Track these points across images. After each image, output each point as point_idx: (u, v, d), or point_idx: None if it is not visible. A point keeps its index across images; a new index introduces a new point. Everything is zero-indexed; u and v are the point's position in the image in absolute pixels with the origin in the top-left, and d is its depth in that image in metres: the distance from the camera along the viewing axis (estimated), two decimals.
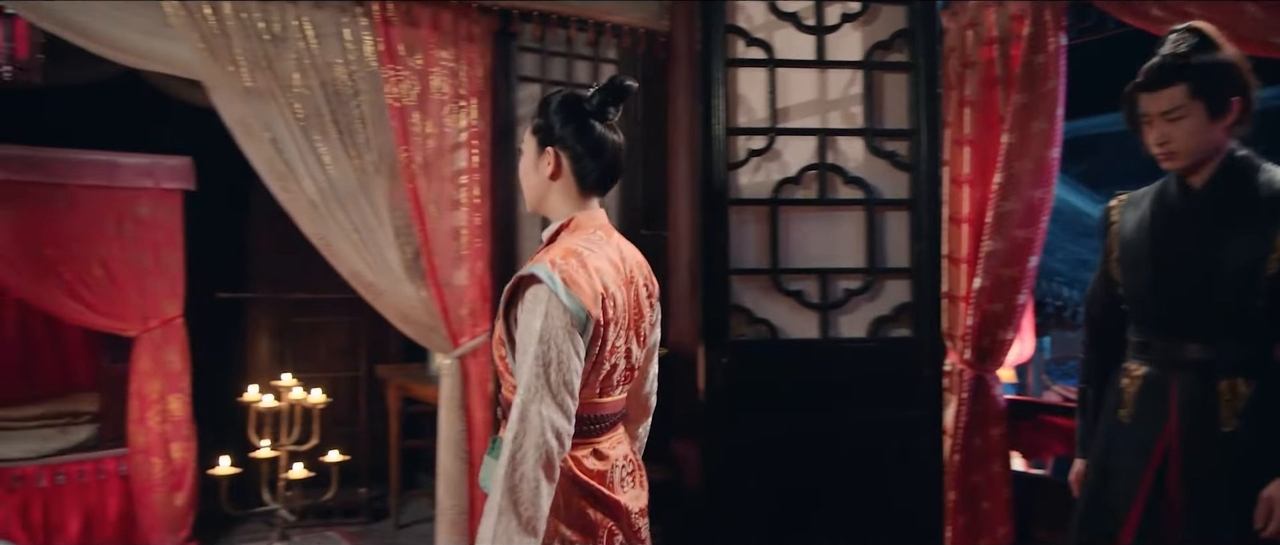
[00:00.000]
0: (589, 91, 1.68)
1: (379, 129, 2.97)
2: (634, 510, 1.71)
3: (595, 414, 1.64)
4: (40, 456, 4.13)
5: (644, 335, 1.74)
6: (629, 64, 3.35)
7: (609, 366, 1.63)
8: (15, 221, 4.00)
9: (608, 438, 1.69)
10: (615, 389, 1.68)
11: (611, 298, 1.59)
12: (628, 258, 1.69)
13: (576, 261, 1.56)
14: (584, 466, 1.62)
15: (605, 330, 1.59)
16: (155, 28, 2.71)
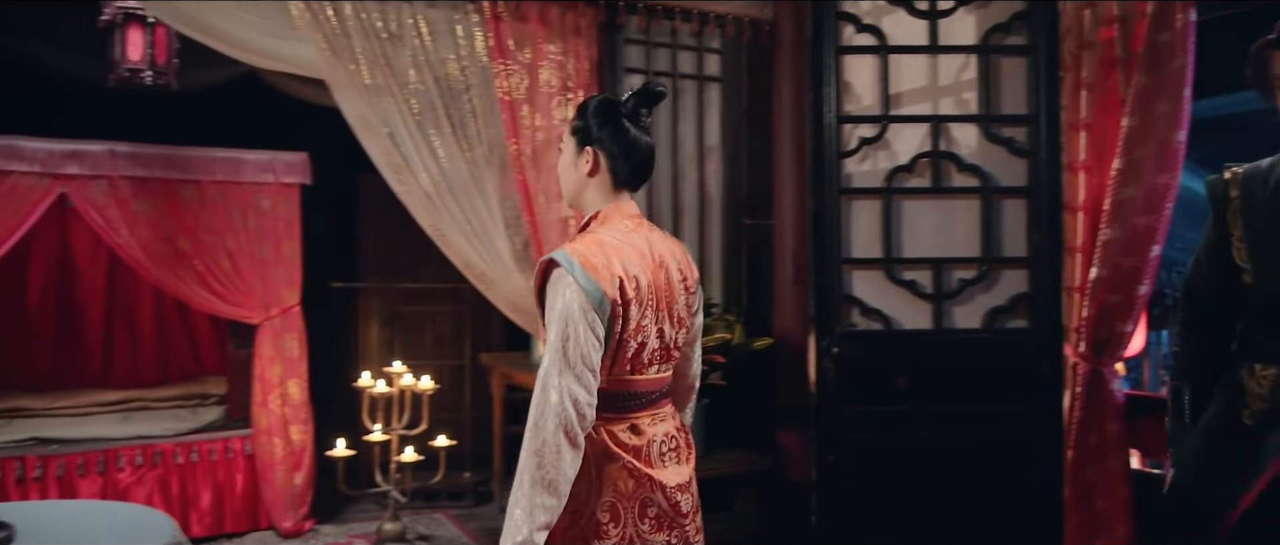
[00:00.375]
0: (624, 96, 1.81)
1: (489, 122, 3.04)
2: (671, 484, 1.77)
3: (629, 390, 1.74)
4: (176, 435, 4.40)
5: (678, 317, 1.82)
6: (733, 53, 3.33)
7: (637, 345, 1.72)
8: (153, 216, 4.27)
9: (646, 414, 1.77)
10: (649, 367, 1.76)
11: (633, 280, 1.69)
12: (656, 246, 1.79)
13: (596, 247, 1.68)
14: (619, 440, 1.71)
15: (626, 310, 1.68)
16: (282, 30, 2.85)
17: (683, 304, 1.84)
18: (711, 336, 2.90)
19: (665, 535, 1.75)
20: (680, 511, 1.78)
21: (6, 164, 4.01)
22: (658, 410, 1.80)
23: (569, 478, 1.60)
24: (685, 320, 1.85)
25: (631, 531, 1.71)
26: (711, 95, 3.34)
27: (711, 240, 3.35)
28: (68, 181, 4.13)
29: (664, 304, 1.77)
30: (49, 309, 4.93)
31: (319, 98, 5.00)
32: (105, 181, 4.20)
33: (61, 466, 4.13)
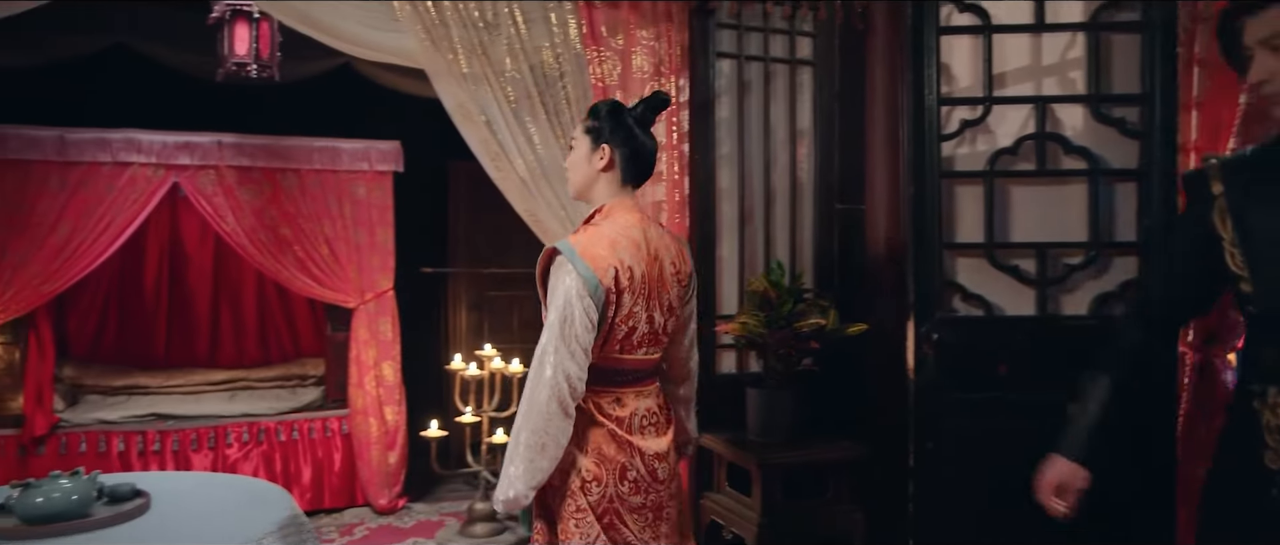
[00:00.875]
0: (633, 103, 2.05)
1: (583, 109, 3.07)
2: (649, 452, 1.97)
3: (617, 368, 1.94)
4: (278, 413, 4.60)
5: (669, 306, 2.01)
6: (826, 36, 3.28)
7: (627, 329, 1.91)
8: (257, 204, 4.45)
9: (631, 390, 1.97)
10: (638, 349, 1.96)
11: (627, 270, 1.88)
12: (652, 239, 1.98)
13: (597, 239, 1.89)
14: (604, 410, 1.92)
15: (619, 297, 1.88)
16: (384, 23, 2.93)
17: (675, 294, 2.02)
18: (806, 321, 2.88)
19: (641, 497, 1.95)
20: (656, 477, 1.98)
21: (127, 156, 4.25)
22: (642, 387, 2.00)
23: (561, 443, 1.83)
24: (676, 309, 2.04)
25: (612, 491, 1.91)
26: (803, 79, 3.30)
27: (803, 225, 3.31)
28: (180, 171, 4.35)
29: (655, 293, 1.96)
30: (163, 293, 5.20)
31: (409, 87, 5.13)
32: (213, 171, 4.40)
33: (177, 441, 4.37)
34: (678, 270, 2.03)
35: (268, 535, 2.03)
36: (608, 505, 1.90)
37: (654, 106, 2.02)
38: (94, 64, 4.70)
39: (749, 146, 3.22)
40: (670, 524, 2.03)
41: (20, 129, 4.11)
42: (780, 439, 2.97)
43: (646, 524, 1.96)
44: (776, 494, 2.87)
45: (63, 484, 2.08)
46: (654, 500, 1.97)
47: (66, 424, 4.26)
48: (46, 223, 4.10)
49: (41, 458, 4.15)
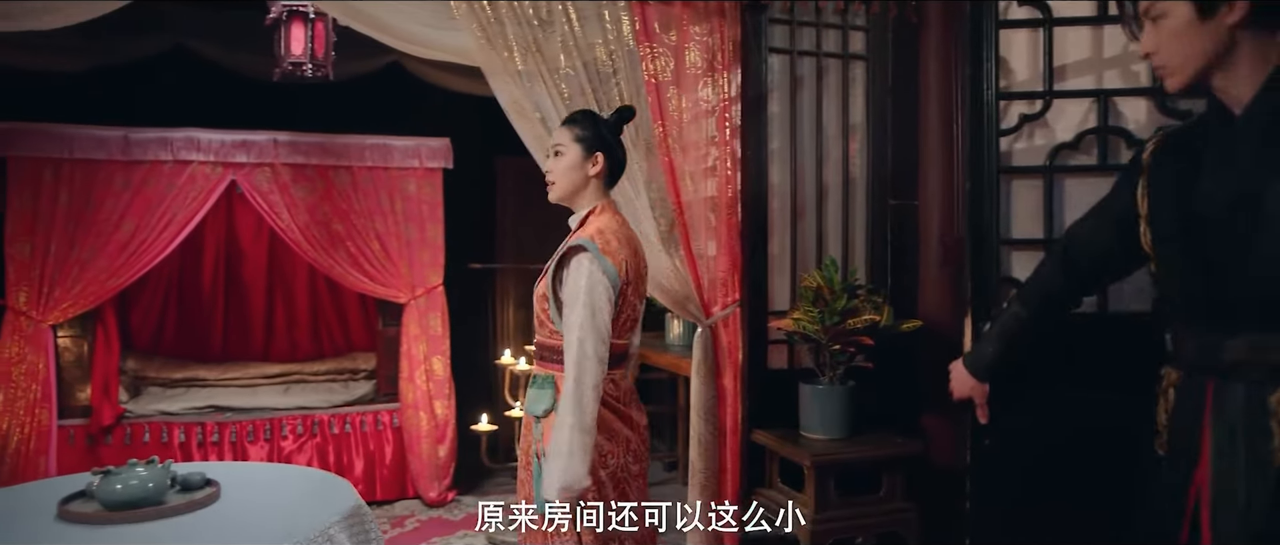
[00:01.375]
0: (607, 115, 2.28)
1: (637, 105, 3.08)
2: (640, 424, 2.20)
3: (617, 352, 2.12)
4: (332, 407, 4.69)
5: (644, 293, 2.22)
6: (879, 31, 3.26)
7: (625, 316, 2.13)
8: (311, 201, 4.54)
9: (620, 370, 2.18)
10: (629, 333, 2.18)
11: (630, 264, 2.11)
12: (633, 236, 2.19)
13: (611, 237, 2.09)
14: (608, 390, 2.09)
15: (626, 289, 2.10)
16: (441, 21, 2.97)
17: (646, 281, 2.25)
18: (859, 318, 2.87)
19: (639, 466, 2.19)
20: (646, 445, 2.23)
21: (187, 154, 4.36)
22: (626, 366, 2.22)
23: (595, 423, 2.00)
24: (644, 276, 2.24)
25: (621, 461, 2.12)
26: (856, 73, 3.28)
27: (855, 221, 3.30)
28: (237, 169, 4.45)
29: (640, 283, 2.20)
30: (219, 288, 5.33)
31: (457, 84, 5.19)
32: (269, 168, 4.50)
33: (234, 432, 4.48)
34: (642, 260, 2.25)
35: (335, 524, 2.08)
36: (620, 475, 2.11)
37: (624, 117, 2.28)
38: (153, 65, 4.84)
39: (801, 142, 3.21)
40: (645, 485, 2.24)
41: (87, 129, 4.23)
42: (833, 435, 2.97)
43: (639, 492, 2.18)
44: (830, 490, 2.86)
45: (140, 472, 2.15)
46: (643, 467, 2.21)
47: (131, 415, 4.39)
48: (112, 220, 4.22)
49: (108, 447, 4.29)
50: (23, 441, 4.05)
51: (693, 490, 3.21)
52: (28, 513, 2.14)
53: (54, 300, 4.15)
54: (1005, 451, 2.68)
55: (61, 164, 4.18)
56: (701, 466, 3.18)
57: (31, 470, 4.06)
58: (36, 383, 4.10)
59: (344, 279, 4.65)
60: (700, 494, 3.18)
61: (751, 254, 3.11)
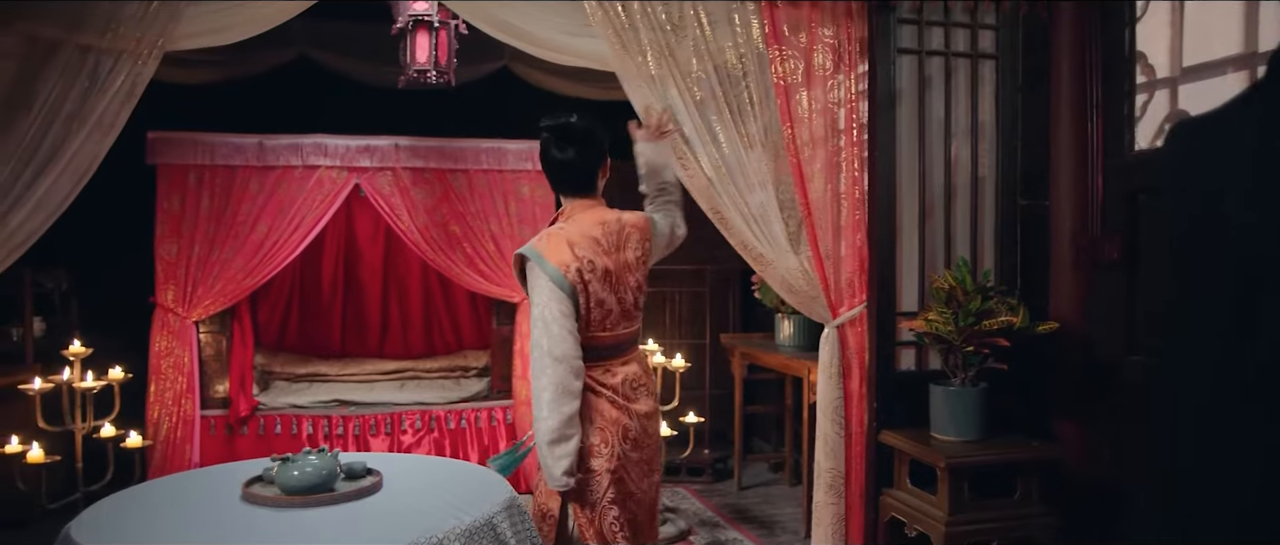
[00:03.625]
0: None
1: (765, 107, 3.11)
2: (641, 413, 2.29)
3: (599, 345, 2.25)
4: (448, 402, 4.84)
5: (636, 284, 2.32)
6: (1009, 29, 3.21)
7: (601, 312, 2.23)
8: (429, 204, 4.71)
9: (616, 361, 2.29)
10: (615, 327, 2.28)
11: (588, 263, 2.19)
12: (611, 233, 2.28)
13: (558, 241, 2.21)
14: (599, 381, 2.24)
15: (587, 287, 2.19)
16: (577, 28, 3.06)
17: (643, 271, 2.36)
18: (995, 320, 2.83)
19: (639, 454, 2.27)
20: (647, 433, 2.30)
21: (316, 159, 4.57)
22: (626, 357, 2.32)
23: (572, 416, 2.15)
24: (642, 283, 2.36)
25: (617, 449, 2.23)
26: (985, 72, 3.24)
27: (984, 221, 3.25)
28: (361, 173, 4.64)
29: (619, 278, 2.28)
30: (338, 287, 5.55)
31: (563, 88, 5.31)
32: (390, 172, 4.68)
33: (358, 425, 4.67)
34: (642, 245, 2.35)
35: (498, 513, 2.17)
36: (618, 463, 2.23)
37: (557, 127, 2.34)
38: (276, 76, 5.09)
39: (929, 142, 3.19)
40: (658, 473, 2.37)
41: (226, 136, 4.48)
42: (966, 437, 2.94)
43: (643, 474, 2.30)
44: (964, 493, 2.84)
45: (313, 460, 2.28)
46: (647, 455, 2.30)
47: (264, 407, 4.63)
48: (248, 222, 4.46)
49: (244, 437, 4.52)
50: (171, 429, 4.31)
51: (819, 489, 3.22)
52: (214, 494, 2.29)
53: (197, 298, 4.40)
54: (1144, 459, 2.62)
55: (204, 170, 4.44)
56: (828, 466, 3.18)
57: (179, 456, 4.32)
58: (182, 375, 4.36)
59: (460, 278, 4.80)
60: (827, 493, 3.19)
61: (880, 254, 3.10)
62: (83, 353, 3.69)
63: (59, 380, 3.65)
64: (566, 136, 2.31)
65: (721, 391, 5.35)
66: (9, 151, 2.46)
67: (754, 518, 4.55)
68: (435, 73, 4.24)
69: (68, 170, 2.56)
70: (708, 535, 4.25)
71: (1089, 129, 3.08)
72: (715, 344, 5.34)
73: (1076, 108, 3.13)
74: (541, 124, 2.34)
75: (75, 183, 2.59)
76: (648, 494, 2.32)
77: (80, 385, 3.67)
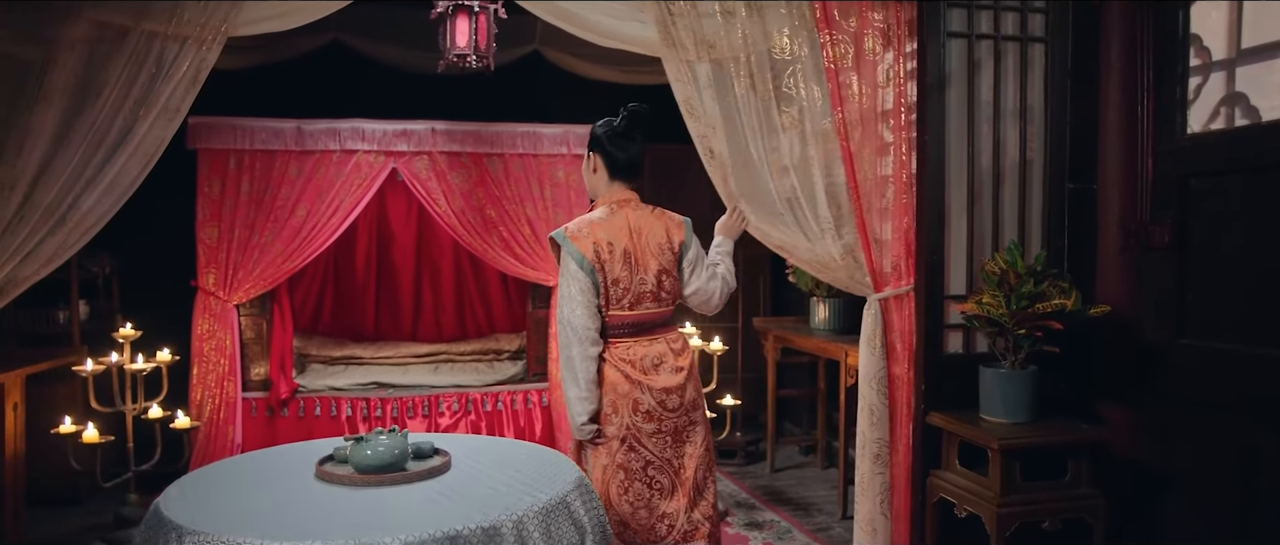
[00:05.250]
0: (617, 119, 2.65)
1: (815, 93, 3.13)
2: (658, 387, 2.54)
3: (621, 322, 2.56)
4: (484, 385, 4.89)
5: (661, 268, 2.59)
6: (1058, 12, 3.21)
7: (621, 290, 2.53)
8: (465, 187, 4.73)
9: (642, 338, 2.56)
10: (639, 305, 2.56)
11: (607, 245, 2.51)
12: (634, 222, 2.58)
13: (583, 225, 2.56)
14: (616, 355, 2.54)
15: (605, 266, 2.51)
16: (625, 13, 3.07)
17: (667, 260, 2.60)
18: (1048, 303, 2.85)
19: (654, 424, 2.54)
20: (666, 408, 2.55)
21: (353, 143, 4.59)
22: (653, 336, 2.58)
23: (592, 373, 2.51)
24: (670, 271, 2.61)
25: (627, 420, 2.53)
26: (1034, 55, 3.24)
27: (1032, 205, 3.26)
28: (398, 157, 4.66)
29: (640, 261, 2.55)
30: (371, 271, 5.59)
31: (595, 73, 5.32)
32: (427, 157, 4.70)
33: (396, 408, 4.72)
34: (669, 241, 2.62)
35: (571, 492, 2.21)
36: (626, 432, 2.52)
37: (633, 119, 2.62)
38: (310, 60, 5.11)
39: (977, 126, 3.20)
40: (695, 445, 2.59)
41: (265, 121, 4.50)
42: (1016, 419, 2.96)
43: (666, 445, 2.55)
44: (1016, 474, 2.87)
45: (385, 440, 2.32)
46: (669, 425, 2.55)
47: (304, 390, 4.68)
48: (287, 206, 4.49)
49: (285, 419, 4.58)
50: (215, 411, 4.36)
51: (864, 460, 3.25)
52: (288, 474, 2.33)
53: (237, 281, 4.44)
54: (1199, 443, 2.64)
55: (243, 154, 4.47)
56: (874, 436, 3.22)
57: (222, 438, 4.38)
58: (224, 358, 4.41)
59: (496, 262, 4.83)
60: (873, 463, 3.23)
61: (928, 237, 3.12)
62: (132, 335, 3.74)
63: (109, 362, 3.70)
64: (639, 125, 2.63)
65: (751, 375, 5.39)
66: (81, 136, 2.50)
67: (789, 499, 4.60)
68: (475, 57, 4.25)
69: (136, 154, 2.59)
70: (745, 517, 4.30)
71: (1140, 112, 3.09)
72: (747, 327, 5.37)
73: (1126, 91, 3.14)
74: (630, 110, 2.60)
75: (143, 166, 2.63)
76: (672, 462, 2.56)
77: (130, 367, 3.73)
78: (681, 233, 2.67)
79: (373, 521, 1.98)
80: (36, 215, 2.48)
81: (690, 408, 2.58)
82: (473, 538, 1.93)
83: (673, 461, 2.55)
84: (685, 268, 2.66)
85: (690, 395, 2.59)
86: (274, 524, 1.95)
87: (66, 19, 2.44)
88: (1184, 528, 2.90)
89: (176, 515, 1.98)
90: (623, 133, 2.62)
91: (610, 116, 2.67)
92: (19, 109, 2.42)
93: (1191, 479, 2.87)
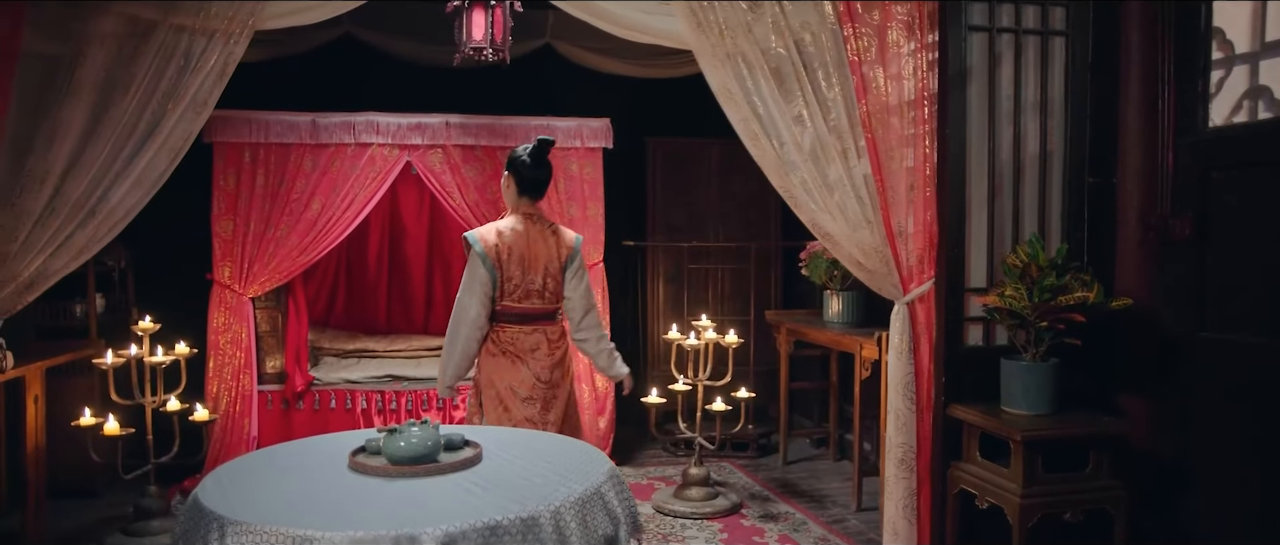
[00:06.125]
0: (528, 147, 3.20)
1: (842, 85, 3.14)
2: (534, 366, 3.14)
3: (512, 312, 3.14)
4: None
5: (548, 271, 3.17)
6: (1079, 6, 3.22)
7: (514, 286, 3.11)
8: (480, 180, 4.73)
9: (526, 326, 3.15)
10: (527, 300, 3.14)
11: (506, 247, 3.08)
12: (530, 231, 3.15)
13: (490, 229, 3.13)
14: (504, 337, 3.14)
15: (502, 266, 3.08)
16: (655, 7, 3.07)
17: (556, 267, 3.17)
18: (1072, 295, 2.87)
19: (526, 392, 3.13)
20: (539, 381, 3.14)
21: (368, 137, 4.60)
22: (535, 325, 3.17)
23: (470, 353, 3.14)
24: (555, 275, 3.17)
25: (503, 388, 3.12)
26: (1055, 49, 3.25)
27: (1052, 198, 3.28)
28: (412, 150, 4.67)
29: (531, 264, 3.12)
30: (384, 264, 5.60)
31: (607, 66, 5.32)
32: (441, 150, 4.70)
33: (410, 400, 4.73)
34: (558, 253, 3.18)
35: (605, 483, 2.22)
36: (502, 393, 3.13)
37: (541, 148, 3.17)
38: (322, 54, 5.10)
39: (998, 120, 3.21)
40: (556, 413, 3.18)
41: (280, 114, 4.50)
42: (1038, 411, 2.98)
43: (535, 410, 3.13)
44: (1038, 466, 2.89)
45: (417, 431, 2.33)
46: (538, 395, 3.14)
47: (319, 382, 4.69)
48: (302, 200, 4.49)
49: (300, 412, 4.59)
50: (231, 403, 4.37)
51: (890, 464, 3.28)
52: (321, 465, 2.34)
53: (253, 275, 4.45)
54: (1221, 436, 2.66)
55: (258, 148, 4.47)
56: (899, 440, 3.24)
57: (238, 431, 4.39)
58: (240, 351, 4.42)
59: None
60: (898, 467, 3.25)
61: (950, 231, 3.13)
62: (152, 329, 3.75)
63: (128, 355, 3.71)
64: (545, 154, 3.20)
65: (761, 368, 5.41)
66: (110, 129, 2.50)
67: (802, 492, 4.62)
68: (491, 50, 4.25)
69: (164, 147, 2.60)
70: (759, 509, 4.32)
71: (1160, 105, 3.10)
72: (758, 321, 5.38)
73: (1147, 84, 3.15)
74: (539, 141, 3.15)
75: (171, 159, 2.63)
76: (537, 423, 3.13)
77: (150, 360, 3.73)
78: (570, 249, 3.23)
79: (412, 512, 1.99)
80: (67, 208, 2.49)
81: (555, 385, 3.18)
82: (512, 528, 1.95)
83: (537, 422, 3.12)
84: (568, 277, 3.22)
85: (557, 376, 3.19)
86: (314, 514, 1.96)
87: (96, 14, 2.45)
88: (1204, 519, 2.92)
89: (217, 506, 2.00)
90: (533, 160, 3.16)
91: (527, 144, 3.21)
92: (49, 103, 2.42)
93: (1212, 471, 2.90)
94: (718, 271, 5.58)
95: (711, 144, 5.60)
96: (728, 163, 5.61)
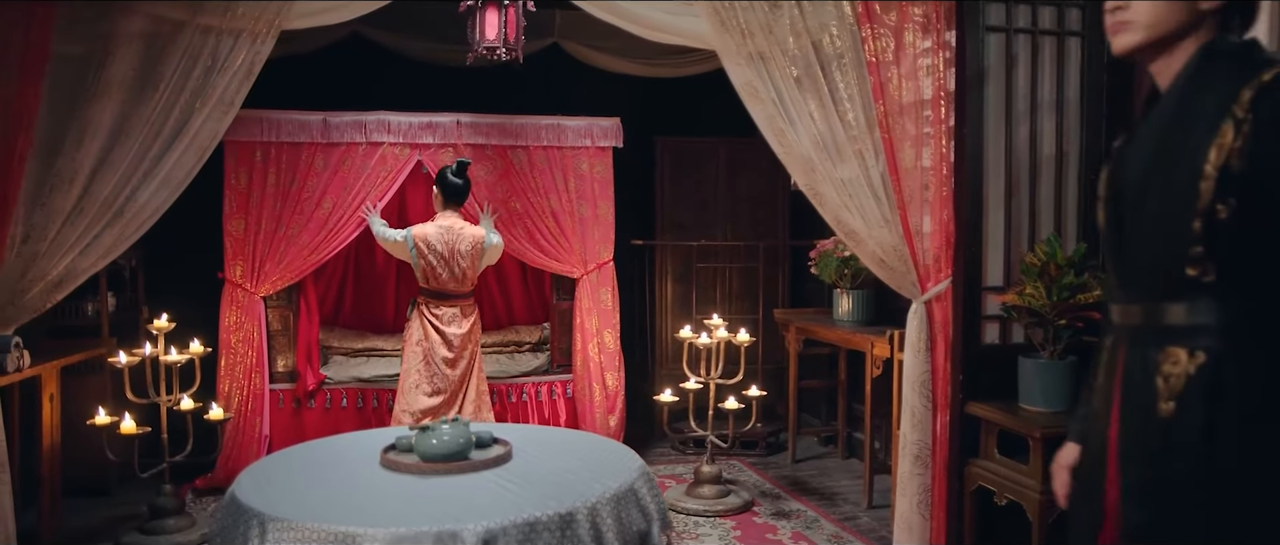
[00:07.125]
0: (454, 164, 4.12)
1: (859, 85, 3.16)
2: (449, 331, 4.08)
3: (433, 289, 4.09)
4: (510, 376, 4.91)
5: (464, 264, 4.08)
6: (1096, 6, 3.25)
7: (435, 271, 4.04)
8: (491, 180, 4.74)
9: (443, 303, 4.10)
10: (444, 285, 4.08)
11: (428, 244, 4.00)
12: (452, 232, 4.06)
13: (424, 228, 4.03)
14: (428, 310, 4.10)
15: (424, 256, 4.00)
16: (678, 7, 3.09)
17: (469, 259, 4.07)
18: (1090, 294, 2.90)
19: (445, 350, 4.07)
20: (449, 346, 4.07)
21: (379, 136, 4.60)
22: (451, 302, 4.10)
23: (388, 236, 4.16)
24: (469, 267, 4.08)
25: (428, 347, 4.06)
26: (1071, 49, 3.28)
27: (1068, 198, 3.31)
28: (423, 149, 4.67)
29: (451, 258, 4.02)
30: (392, 263, 5.60)
31: (616, 66, 5.34)
32: (451, 149, 4.70)
33: None
34: (471, 248, 4.07)
35: (637, 480, 2.25)
36: (427, 352, 4.05)
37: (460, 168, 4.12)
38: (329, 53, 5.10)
39: (1015, 119, 3.24)
40: (464, 369, 4.13)
41: (291, 113, 4.50)
42: (1056, 408, 3.01)
43: (449, 364, 4.07)
44: None
45: (447, 430, 2.35)
46: (454, 356, 4.07)
47: (331, 381, 4.68)
48: (313, 198, 4.49)
49: (312, 410, 4.59)
50: (243, 402, 4.37)
51: (904, 460, 3.30)
52: (352, 461, 2.36)
53: (264, 273, 4.45)
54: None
55: (269, 147, 4.46)
56: (915, 438, 3.26)
57: (251, 430, 4.39)
58: (252, 350, 4.41)
59: (522, 254, 4.85)
60: (913, 465, 3.27)
61: (967, 230, 3.16)
62: (166, 327, 3.74)
63: (143, 354, 3.70)
64: (464, 172, 4.13)
65: (769, 366, 5.43)
66: (137, 129, 2.51)
67: (813, 490, 4.64)
68: (505, 49, 4.26)
69: (191, 147, 2.60)
70: (771, 506, 4.34)
71: None
72: (767, 319, 5.41)
73: None
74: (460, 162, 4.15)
75: (198, 158, 2.64)
76: (450, 376, 4.08)
77: (165, 359, 3.73)
78: (481, 244, 4.12)
79: (448, 509, 2.01)
80: (95, 207, 2.49)
81: (461, 349, 4.08)
82: (550, 524, 1.96)
83: (448, 376, 4.06)
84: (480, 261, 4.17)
85: (464, 344, 4.10)
86: (352, 511, 1.98)
87: (124, 14, 2.45)
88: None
89: (255, 502, 2.01)
90: (454, 176, 4.09)
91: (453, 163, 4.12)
92: (78, 102, 2.43)
93: None
94: (726, 270, 5.60)
95: (719, 143, 5.62)
96: (736, 162, 5.63)
